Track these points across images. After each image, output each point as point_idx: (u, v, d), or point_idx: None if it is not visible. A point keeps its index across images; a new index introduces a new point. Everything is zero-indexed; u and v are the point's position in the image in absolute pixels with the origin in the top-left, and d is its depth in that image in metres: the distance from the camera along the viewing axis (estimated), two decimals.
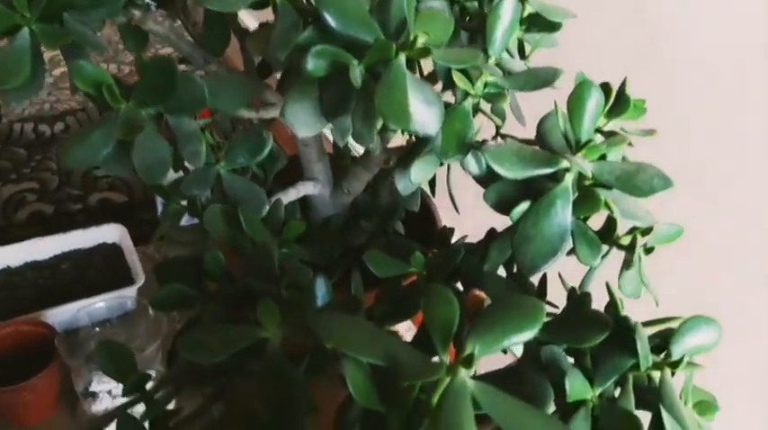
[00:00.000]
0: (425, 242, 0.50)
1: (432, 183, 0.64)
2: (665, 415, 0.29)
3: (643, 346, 0.28)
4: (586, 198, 0.38)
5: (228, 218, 0.42)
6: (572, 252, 0.39)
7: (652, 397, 0.32)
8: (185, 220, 0.68)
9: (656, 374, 0.30)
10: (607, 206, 0.38)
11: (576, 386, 0.28)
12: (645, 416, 0.32)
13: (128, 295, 0.68)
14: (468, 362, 0.23)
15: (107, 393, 0.60)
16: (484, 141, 0.40)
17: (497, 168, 0.37)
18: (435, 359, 0.25)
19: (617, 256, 0.41)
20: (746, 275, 0.60)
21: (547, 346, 0.30)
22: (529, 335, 0.25)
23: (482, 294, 0.30)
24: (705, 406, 0.35)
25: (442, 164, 0.48)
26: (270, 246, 0.39)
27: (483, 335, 0.24)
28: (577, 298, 0.34)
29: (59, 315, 0.67)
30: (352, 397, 0.25)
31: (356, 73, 0.32)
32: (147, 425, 0.32)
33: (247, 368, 0.30)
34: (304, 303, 0.33)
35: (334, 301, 0.34)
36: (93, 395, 0.61)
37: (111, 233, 0.79)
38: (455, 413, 0.22)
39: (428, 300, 0.24)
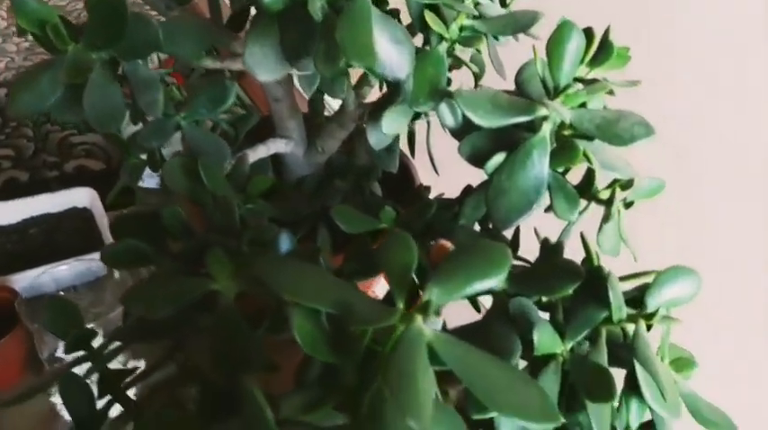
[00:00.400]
0: (403, 203, 0.48)
1: (411, 143, 0.62)
2: (638, 369, 0.28)
3: (615, 296, 0.27)
4: (565, 149, 0.36)
5: (189, 171, 0.39)
6: (549, 209, 0.37)
7: (626, 353, 0.30)
8: (155, 184, 0.66)
9: (631, 328, 0.29)
10: (586, 157, 0.36)
11: (545, 339, 0.27)
12: (619, 374, 0.31)
13: (96, 259, 0.66)
14: (426, 308, 0.22)
15: None
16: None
17: (471, 115, 0.35)
18: None
19: (596, 215, 0.39)
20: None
21: (515, 298, 0.28)
22: (494, 281, 0.23)
23: (448, 243, 0.28)
24: (682, 362, 0.33)
25: (416, 118, 0.46)
26: (230, 199, 0.37)
27: (444, 282, 0.22)
28: (550, 248, 0.33)
29: (25, 280, 0.65)
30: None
31: (316, 5, 0.30)
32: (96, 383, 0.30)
33: (199, 324, 0.29)
34: (261, 256, 0.31)
35: (290, 251, 0.32)
36: (60, 361, 0.59)
37: (81, 197, 0.77)
38: (409, 361, 0.20)
39: (386, 245, 0.22)
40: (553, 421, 0.22)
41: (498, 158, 0.36)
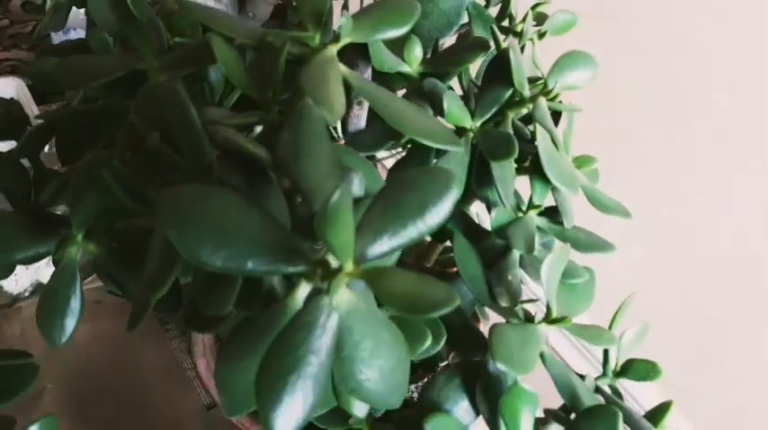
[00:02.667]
0: None
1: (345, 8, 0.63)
2: (540, 148, 0.31)
3: (517, 68, 0.29)
4: None
5: (114, 3, 0.39)
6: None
7: (531, 146, 0.33)
8: None
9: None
10: None
11: (454, 109, 0.29)
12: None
13: None
14: (338, 39, 0.23)
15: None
16: None
17: None
18: None
19: None
20: None
21: (428, 78, 0.30)
22: (403, 29, 0.25)
23: None
24: (583, 159, 0.37)
25: None
26: (156, 18, 0.37)
27: (357, 24, 0.24)
28: (461, 35, 0.35)
29: None
30: None
31: None
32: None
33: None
34: None
35: None
36: None
37: (6, 87, 0.74)
38: (322, 70, 0.22)
39: None
40: (454, 144, 0.24)
41: None
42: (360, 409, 0.27)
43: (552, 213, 0.35)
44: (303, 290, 0.22)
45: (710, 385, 0.65)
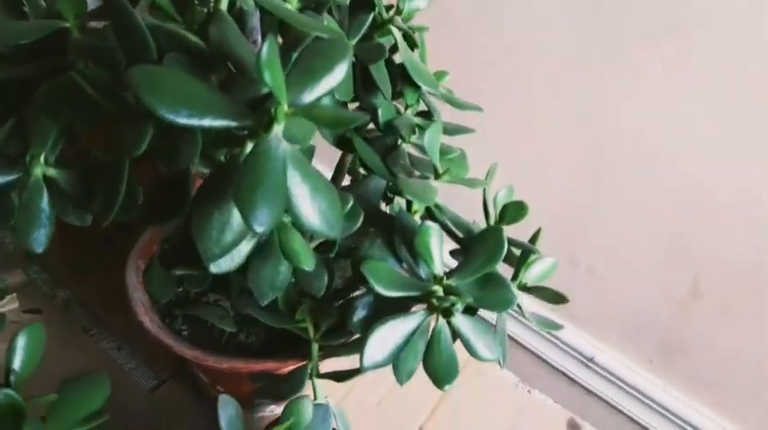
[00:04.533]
0: None
1: None
2: (400, 44, 0.39)
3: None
4: None
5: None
6: None
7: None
8: None
9: (396, 33, 0.40)
10: None
11: (333, 27, 0.37)
12: None
13: None
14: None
15: None
16: None
17: None
18: None
19: None
20: None
21: (307, 10, 0.38)
22: None
23: None
24: (439, 73, 0.46)
25: None
26: None
27: None
28: None
29: None
30: None
31: None
32: None
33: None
34: None
35: None
36: None
37: None
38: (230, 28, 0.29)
39: None
40: (339, 34, 0.32)
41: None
42: (308, 264, 0.33)
43: (425, 116, 0.44)
44: (250, 146, 0.28)
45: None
